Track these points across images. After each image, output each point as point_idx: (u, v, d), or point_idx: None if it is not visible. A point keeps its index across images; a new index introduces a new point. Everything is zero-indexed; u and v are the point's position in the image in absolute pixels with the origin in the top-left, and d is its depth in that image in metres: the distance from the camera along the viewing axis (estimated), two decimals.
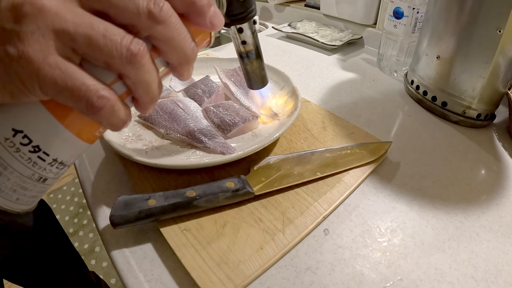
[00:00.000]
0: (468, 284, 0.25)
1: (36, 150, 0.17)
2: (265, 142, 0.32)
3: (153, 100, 0.19)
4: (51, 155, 0.18)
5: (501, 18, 0.34)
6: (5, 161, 0.17)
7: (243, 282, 0.23)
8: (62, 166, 0.19)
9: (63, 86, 0.15)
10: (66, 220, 1.33)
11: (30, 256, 0.60)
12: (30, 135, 0.17)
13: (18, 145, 0.17)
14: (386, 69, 0.57)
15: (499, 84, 0.40)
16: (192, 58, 0.19)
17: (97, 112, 0.16)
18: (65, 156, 0.19)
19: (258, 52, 0.32)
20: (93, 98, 0.16)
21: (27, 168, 0.17)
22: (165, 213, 0.27)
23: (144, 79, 0.17)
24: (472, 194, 0.33)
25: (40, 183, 0.19)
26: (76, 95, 0.15)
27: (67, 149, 0.18)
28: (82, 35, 0.15)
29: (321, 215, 0.29)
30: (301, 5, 0.85)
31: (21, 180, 0.18)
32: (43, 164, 0.18)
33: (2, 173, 0.17)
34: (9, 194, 0.18)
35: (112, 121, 0.17)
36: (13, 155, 0.17)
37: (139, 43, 0.16)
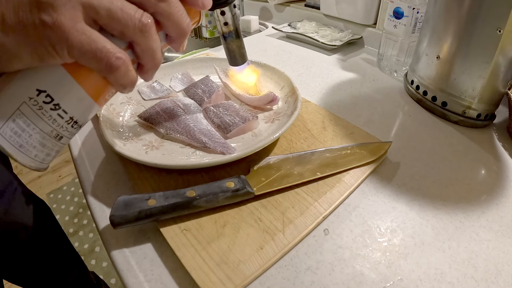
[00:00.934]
0: (468, 284, 0.25)
1: (57, 108, 0.20)
2: (265, 142, 0.32)
3: (156, 66, 0.23)
4: (69, 113, 0.21)
5: (501, 18, 0.34)
6: (29, 118, 0.19)
7: (243, 282, 0.23)
8: (76, 125, 0.22)
9: (87, 48, 0.18)
10: (66, 220, 1.33)
11: (30, 256, 0.60)
12: (52, 94, 0.19)
13: (41, 103, 0.19)
14: (386, 69, 0.57)
15: (499, 84, 0.40)
16: (187, 31, 0.23)
17: (114, 71, 0.20)
18: (80, 115, 0.21)
19: (238, 32, 0.37)
20: (112, 58, 0.19)
21: (47, 125, 0.20)
22: (165, 213, 0.27)
23: (151, 46, 0.21)
24: (472, 194, 0.33)
25: (56, 141, 0.21)
26: (98, 56, 0.19)
27: (82, 108, 0.21)
28: (104, 8, 0.18)
29: (321, 215, 0.29)
30: (301, 5, 0.85)
31: (41, 136, 0.20)
32: (61, 122, 0.21)
33: (25, 129, 0.19)
34: (29, 150, 0.20)
35: (123, 80, 0.21)
36: (36, 113, 0.19)
37: (148, 16, 0.20)
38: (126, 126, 0.39)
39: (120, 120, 0.39)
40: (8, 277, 0.61)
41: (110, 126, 0.36)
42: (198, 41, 0.99)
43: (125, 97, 0.43)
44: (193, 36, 1.01)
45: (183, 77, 0.49)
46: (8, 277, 0.61)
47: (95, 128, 0.43)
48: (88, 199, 0.32)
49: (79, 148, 0.39)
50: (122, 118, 0.40)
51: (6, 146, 0.19)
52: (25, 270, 0.61)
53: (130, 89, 0.22)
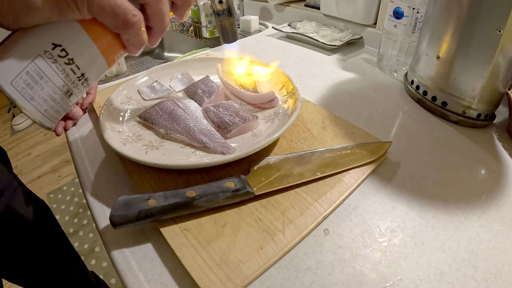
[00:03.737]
0: (468, 284, 0.25)
1: (71, 63, 0.21)
2: (265, 142, 0.32)
3: (163, 30, 0.24)
4: (81, 69, 0.21)
5: (501, 18, 0.34)
6: (43, 70, 0.20)
7: (243, 282, 0.23)
8: (86, 83, 0.23)
9: (107, 4, 0.19)
10: (66, 220, 1.33)
11: (30, 256, 0.60)
12: (67, 48, 0.20)
13: (56, 57, 0.20)
14: (386, 69, 0.57)
15: (499, 84, 0.40)
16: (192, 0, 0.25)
17: (130, 27, 0.21)
18: (91, 72, 0.22)
19: (231, 10, 0.40)
20: (128, 15, 0.20)
21: (60, 79, 0.21)
22: (165, 213, 0.27)
23: (161, 9, 0.22)
24: (472, 194, 0.33)
25: (66, 97, 0.22)
26: (116, 11, 0.20)
27: (94, 65, 0.22)
28: None
29: (321, 215, 0.29)
30: (301, 5, 0.85)
31: (53, 90, 0.21)
32: (73, 77, 0.21)
33: (38, 82, 0.20)
34: (40, 104, 0.20)
35: (135, 39, 0.22)
36: (50, 65, 0.20)
37: None
38: (126, 126, 0.39)
39: (120, 120, 0.39)
40: (8, 276, 0.61)
41: (110, 126, 0.36)
42: (198, 41, 0.99)
43: (125, 97, 0.43)
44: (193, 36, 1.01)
45: (183, 77, 0.49)
46: (8, 277, 0.61)
47: (95, 128, 0.43)
48: (88, 199, 0.32)
49: (79, 148, 0.39)
50: (122, 118, 0.40)
51: (17, 98, 0.19)
52: (24, 270, 0.61)
53: (138, 50, 0.23)
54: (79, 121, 0.44)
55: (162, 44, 1.12)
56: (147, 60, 1.09)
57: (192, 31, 1.00)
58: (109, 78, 0.88)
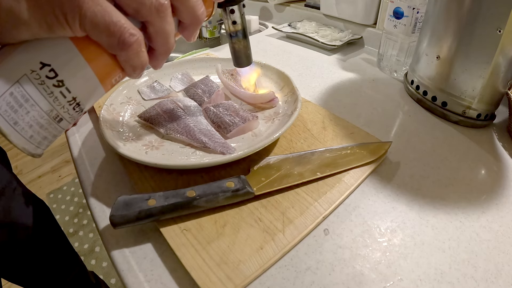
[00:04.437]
0: (468, 284, 0.25)
1: (60, 85, 0.18)
2: (265, 142, 0.32)
3: (167, 52, 0.21)
4: (72, 93, 0.19)
5: (501, 18, 0.34)
6: (28, 93, 0.17)
7: (243, 282, 0.23)
8: (79, 108, 0.20)
9: (101, 20, 0.17)
10: (66, 220, 1.33)
11: (29, 256, 0.60)
12: (56, 69, 0.18)
13: (43, 77, 0.18)
14: (386, 69, 0.57)
15: (499, 84, 0.40)
16: (201, 19, 0.22)
17: (126, 48, 0.18)
18: (84, 96, 0.20)
19: (245, 32, 0.37)
20: (125, 34, 0.18)
21: (47, 103, 0.18)
22: (165, 213, 0.27)
23: (165, 29, 0.20)
24: (472, 194, 0.33)
25: (55, 123, 0.20)
26: (111, 29, 0.18)
27: (87, 89, 0.20)
28: None
29: (321, 215, 0.29)
30: (301, 5, 0.85)
31: (39, 115, 0.18)
32: (63, 101, 0.19)
33: (23, 105, 0.17)
34: (25, 130, 0.18)
35: (134, 61, 0.20)
36: (37, 87, 0.18)
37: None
38: (126, 126, 0.39)
39: (120, 120, 0.39)
40: (8, 276, 0.61)
41: (110, 126, 0.36)
42: (198, 41, 0.99)
43: (125, 97, 0.43)
44: None
45: (183, 77, 0.49)
46: (8, 277, 0.61)
47: (95, 128, 0.43)
48: (88, 199, 0.32)
49: (79, 148, 0.39)
50: (122, 118, 0.40)
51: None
52: (24, 270, 0.61)
53: (139, 73, 0.21)
54: (79, 121, 0.44)
55: None
56: None
57: None
58: None
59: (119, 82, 0.22)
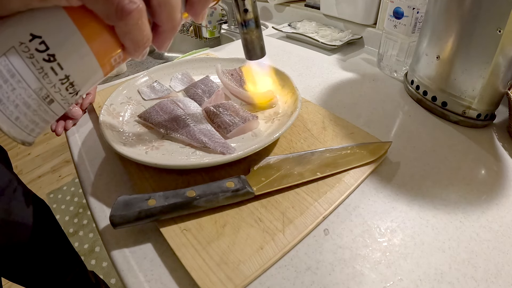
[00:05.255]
0: (468, 284, 0.25)
1: (51, 60, 0.16)
2: (265, 142, 0.32)
3: (172, 30, 0.19)
4: (65, 70, 0.17)
5: (501, 18, 0.34)
6: (14, 66, 0.15)
7: (243, 282, 0.23)
8: (72, 89, 0.18)
9: None
10: (66, 220, 1.33)
11: (29, 255, 0.60)
12: (48, 41, 0.16)
13: (33, 50, 0.16)
14: (386, 69, 0.57)
15: (499, 84, 0.40)
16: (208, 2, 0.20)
17: (125, 17, 0.16)
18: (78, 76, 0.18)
19: (257, 21, 0.34)
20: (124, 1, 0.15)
21: (36, 80, 0.16)
22: (165, 213, 0.27)
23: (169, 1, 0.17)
24: (472, 194, 0.33)
25: (45, 104, 0.17)
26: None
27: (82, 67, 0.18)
28: None
29: (321, 215, 0.29)
30: (301, 5, 0.85)
31: (26, 93, 0.16)
32: (54, 79, 0.17)
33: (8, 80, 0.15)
34: (10, 109, 0.16)
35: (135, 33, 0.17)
36: (25, 61, 0.16)
37: None
38: (126, 126, 0.39)
39: (120, 120, 0.39)
40: (8, 275, 0.61)
41: (110, 126, 0.36)
42: (198, 41, 0.99)
43: (125, 97, 0.43)
44: (193, 36, 1.01)
45: (183, 77, 0.49)
46: (8, 276, 0.61)
47: (95, 128, 0.43)
48: (88, 199, 0.32)
49: (79, 148, 0.39)
50: (122, 118, 0.40)
51: None
52: (24, 269, 0.61)
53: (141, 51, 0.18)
54: (79, 121, 0.44)
55: None
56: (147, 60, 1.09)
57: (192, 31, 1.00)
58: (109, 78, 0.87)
59: (120, 64, 0.20)
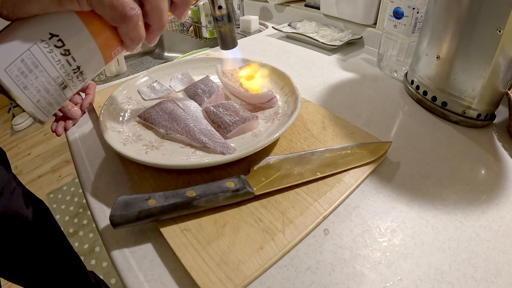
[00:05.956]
0: (468, 284, 0.25)
1: (67, 54, 0.21)
2: (265, 142, 0.32)
3: (161, 28, 0.24)
4: (77, 61, 0.22)
5: (501, 18, 0.34)
6: (38, 59, 0.20)
7: (243, 282, 0.23)
8: (81, 77, 0.23)
9: None
10: (66, 220, 1.33)
11: (28, 256, 0.60)
12: (64, 39, 0.20)
13: (52, 46, 0.20)
14: (386, 69, 0.57)
15: (499, 84, 0.40)
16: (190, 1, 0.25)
17: (127, 20, 0.21)
18: (87, 65, 0.22)
19: (230, 16, 0.39)
20: (126, 8, 0.21)
21: (55, 70, 0.21)
22: (165, 213, 0.27)
23: (159, 6, 0.22)
24: (472, 194, 0.33)
25: (60, 89, 0.22)
26: (115, 4, 0.20)
27: (90, 58, 0.22)
28: None
29: (321, 215, 0.29)
30: (301, 5, 0.85)
31: (47, 80, 0.21)
32: (68, 69, 0.21)
33: (33, 70, 0.20)
34: (33, 94, 0.20)
35: (133, 33, 0.22)
36: (46, 55, 0.20)
37: None
38: (126, 126, 0.39)
39: (120, 120, 0.39)
40: (7, 276, 0.61)
41: (110, 126, 0.36)
42: (198, 41, 0.99)
43: (125, 97, 0.43)
44: (193, 36, 1.01)
45: (183, 77, 0.49)
46: (7, 276, 0.61)
47: (95, 128, 0.43)
48: (88, 199, 0.32)
49: (79, 148, 0.39)
50: (122, 118, 0.40)
51: (10, 86, 0.19)
52: (23, 269, 0.61)
53: (136, 46, 0.24)
54: (79, 121, 0.44)
55: (162, 44, 1.12)
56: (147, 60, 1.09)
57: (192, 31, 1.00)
58: (109, 78, 0.88)
59: (117, 55, 0.25)
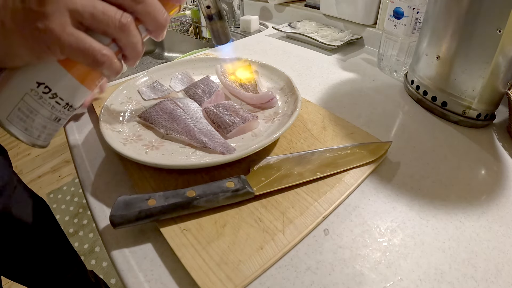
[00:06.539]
0: (468, 284, 0.25)
1: (54, 97, 0.23)
2: (265, 142, 0.32)
3: (137, 56, 0.25)
4: (65, 100, 0.24)
5: (501, 18, 0.34)
6: (31, 106, 0.23)
7: (243, 282, 0.23)
8: (72, 108, 0.25)
9: (76, 48, 0.21)
10: (66, 220, 1.33)
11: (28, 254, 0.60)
12: (50, 85, 0.23)
13: (41, 93, 0.23)
14: (386, 69, 0.57)
15: (499, 84, 0.40)
16: (164, 25, 0.25)
17: (101, 65, 0.23)
18: (74, 100, 0.25)
19: (220, 14, 0.39)
20: (97, 55, 0.22)
21: (47, 111, 0.23)
22: (165, 213, 0.27)
23: (131, 41, 0.23)
24: (472, 194, 0.33)
25: (55, 122, 0.25)
26: (86, 53, 0.22)
27: (76, 95, 0.25)
28: (88, 12, 0.21)
29: (321, 215, 0.29)
30: (301, 5, 0.85)
31: (42, 120, 0.24)
32: (58, 107, 0.24)
33: (29, 115, 0.23)
34: (33, 132, 0.24)
35: (109, 71, 0.23)
36: (37, 102, 0.23)
37: (127, 16, 0.22)
38: (126, 126, 0.39)
39: (120, 120, 0.39)
40: (7, 274, 0.61)
41: (110, 126, 0.36)
42: (198, 41, 0.99)
43: (125, 97, 0.43)
44: (193, 36, 1.01)
45: (183, 77, 0.49)
46: (7, 274, 0.61)
47: (95, 128, 0.43)
48: (88, 199, 0.32)
49: (79, 148, 0.39)
50: (122, 118, 0.40)
51: (13, 130, 0.23)
52: (23, 267, 0.61)
53: (116, 75, 0.25)
54: (79, 121, 0.44)
55: (162, 44, 1.12)
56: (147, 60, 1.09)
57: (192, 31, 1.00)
58: None
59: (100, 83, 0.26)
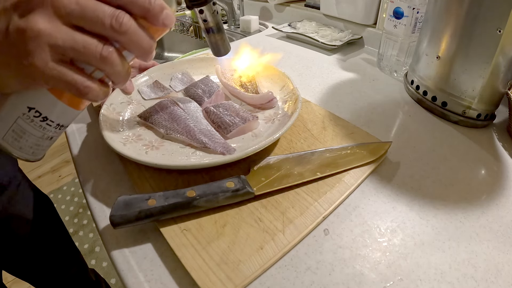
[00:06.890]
0: (468, 284, 0.25)
1: (45, 119, 0.25)
2: (265, 142, 0.32)
3: (124, 80, 0.25)
4: (55, 122, 0.26)
5: (501, 18, 0.34)
6: (24, 128, 0.25)
7: (243, 282, 0.23)
8: (63, 127, 0.27)
9: (59, 80, 0.22)
10: (66, 220, 1.33)
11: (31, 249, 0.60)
12: (40, 110, 0.24)
13: (32, 117, 0.24)
14: (386, 69, 0.57)
15: (499, 84, 0.40)
16: (150, 50, 0.24)
17: (85, 96, 0.23)
18: (64, 121, 0.26)
19: (219, 27, 0.38)
20: (80, 88, 0.23)
21: (39, 132, 0.25)
22: (165, 213, 0.27)
23: (115, 71, 0.23)
24: (472, 194, 0.33)
25: (48, 140, 0.27)
26: (69, 85, 0.22)
27: (66, 116, 0.26)
28: (69, 47, 0.21)
29: (321, 215, 0.29)
30: (301, 5, 0.85)
31: (35, 140, 0.25)
32: (50, 128, 0.26)
33: (23, 136, 0.25)
34: (27, 150, 0.26)
35: (95, 99, 0.24)
36: (29, 124, 0.24)
37: (108, 49, 0.22)
38: (126, 126, 0.39)
39: (120, 120, 0.39)
40: (9, 269, 0.61)
41: (110, 126, 0.36)
42: (198, 41, 0.99)
43: (125, 97, 0.43)
44: (193, 36, 1.01)
45: (183, 77, 0.49)
46: (9, 269, 0.61)
47: (95, 128, 0.43)
48: (88, 199, 0.32)
49: (79, 148, 0.39)
50: (122, 118, 0.40)
51: (9, 149, 0.25)
52: (26, 263, 0.61)
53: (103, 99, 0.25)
54: (78, 121, 0.44)
55: (162, 44, 1.12)
56: None
57: (192, 31, 1.00)
58: None
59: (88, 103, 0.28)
